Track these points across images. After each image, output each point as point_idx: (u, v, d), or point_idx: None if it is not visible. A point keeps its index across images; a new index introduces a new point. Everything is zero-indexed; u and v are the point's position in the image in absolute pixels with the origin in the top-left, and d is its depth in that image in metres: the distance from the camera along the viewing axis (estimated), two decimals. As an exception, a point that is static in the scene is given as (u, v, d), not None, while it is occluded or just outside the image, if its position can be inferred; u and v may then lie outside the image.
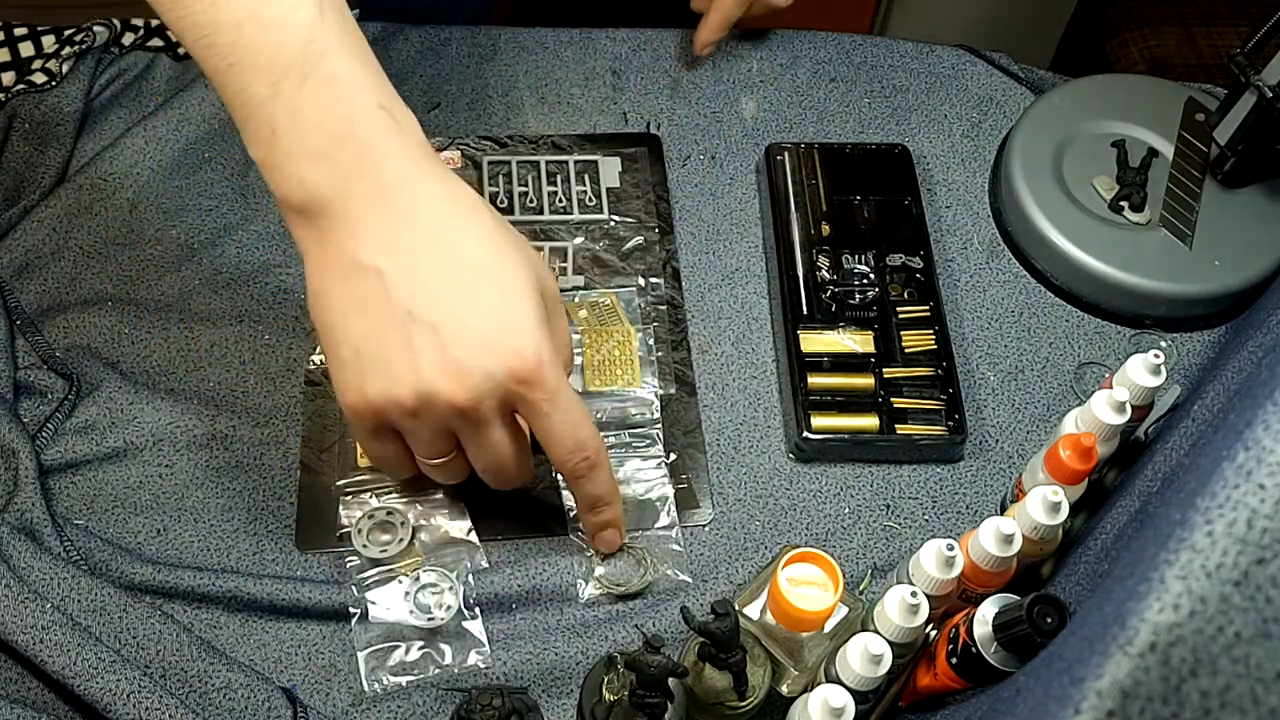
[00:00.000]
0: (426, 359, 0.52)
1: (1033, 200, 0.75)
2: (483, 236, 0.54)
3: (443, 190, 0.54)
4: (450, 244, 0.53)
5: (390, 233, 0.52)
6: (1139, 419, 0.63)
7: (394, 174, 0.53)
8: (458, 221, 0.54)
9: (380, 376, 0.53)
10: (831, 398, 0.69)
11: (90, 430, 0.66)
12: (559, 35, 0.85)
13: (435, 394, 0.53)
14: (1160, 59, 1.20)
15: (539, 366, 0.53)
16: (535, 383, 0.53)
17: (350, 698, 0.60)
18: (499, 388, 0.53)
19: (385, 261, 0.52)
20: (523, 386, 0.53)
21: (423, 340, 0.52)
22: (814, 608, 0.54)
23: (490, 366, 0.52)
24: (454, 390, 0.52)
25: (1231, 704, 0.36)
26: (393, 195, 0.52)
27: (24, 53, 0.80)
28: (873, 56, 0.86)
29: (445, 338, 0.52)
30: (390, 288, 0.52)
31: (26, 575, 0.58)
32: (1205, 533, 0.37)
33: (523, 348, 0.53)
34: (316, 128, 0.51)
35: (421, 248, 0.53)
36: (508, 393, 0.54)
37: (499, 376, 0.53)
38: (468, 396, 0.53)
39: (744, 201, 0.79)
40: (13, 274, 0.72)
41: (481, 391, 0.53)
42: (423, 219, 0.53)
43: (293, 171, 0.52)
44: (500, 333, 0.53)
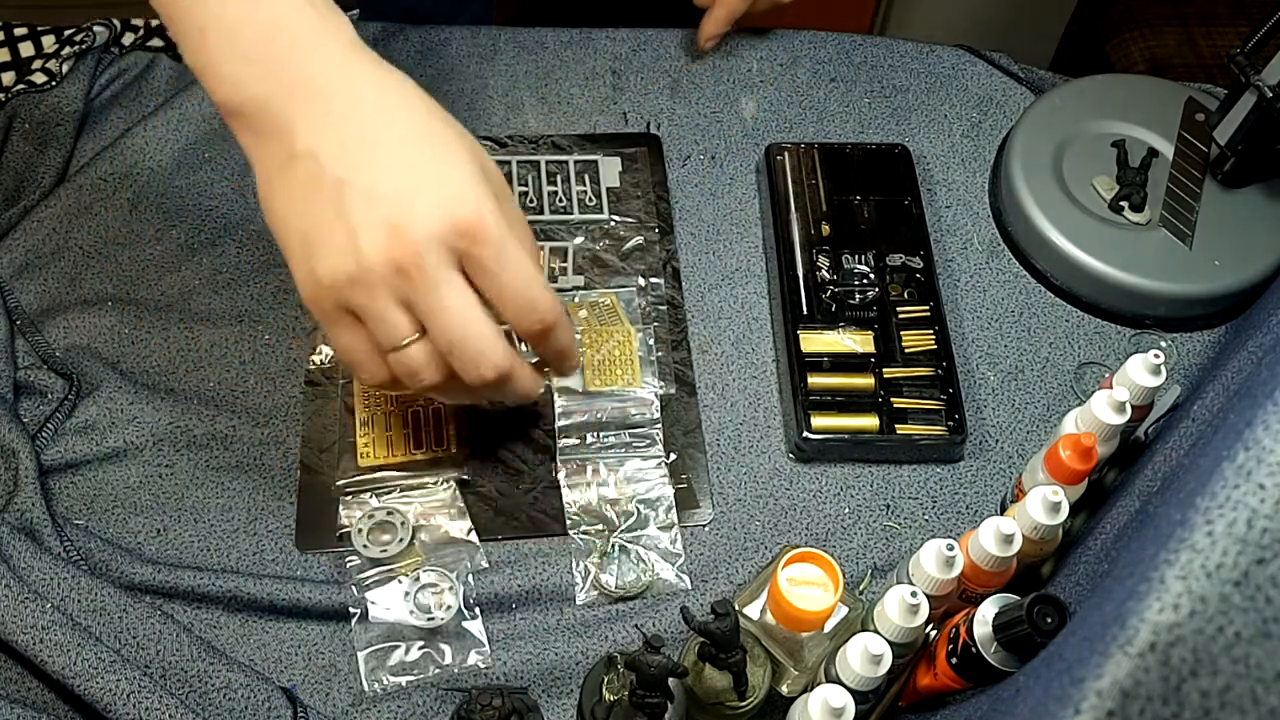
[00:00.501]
0: (363, 222, 0.52)
1: (1033, 200, 0.75)
2: (415, 108, 0.55)
3: (372, 74, 0.54)
4: (381, 117, 0.54)
5: (322, 117, 0.53)
6: (1139, 419, 0.63)
7: (321, 64, 0.53)
8: (389, 97, 0.54)
9: (325, 253, 0.53)
10: (831, 398, 0.69)
11: (90, 430, 0.66)
12: (559, 35, 0.85)
13: (375, 255, 0.52)
14: (1160, 59, 1.20)
15: (479, 217, 0.52)
16: (477, 235, 0.52)
17: (350, 698, 0.60)
18: (439, 241, 0.52)
19: (319, 144, 0.53)
20: (464, 241, 0.52)
21: (357, 204, 0.52)
22: (814, 608, 0.54)
23: (425, 217, 0.52)
24: (393, 247, 0.52)
25: (1231, 704, 0.36)
26: (322, 84, 0.53)
27: (24, 53, 0.80)
28: (873, 56, 0.86)
29: (378, 198, 0.52)
30: (323, 167, 0.52)
31: (26, 575, 0.58)
32: (1205, 533, 0.37)
33: (460, 198, 0.52)
34: (244, 29, 0.52)
35: (353, 124, 0.53)
36: (450, 247, 0.52)
37: (436, 229, 0.52)
38: (408, 252, 0.52)
39: (744, 201, 0.79)
40: (13, 274, 0.72)
41: (420, 245, 0.52)
42: (352, 99, 0.53)
43: (226, 73, 0.53)
44: (436, 185, 0.52)
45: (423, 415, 0.68)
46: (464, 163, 0.54)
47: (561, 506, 0.66)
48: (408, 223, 0.52)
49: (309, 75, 0.53)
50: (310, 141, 0.53)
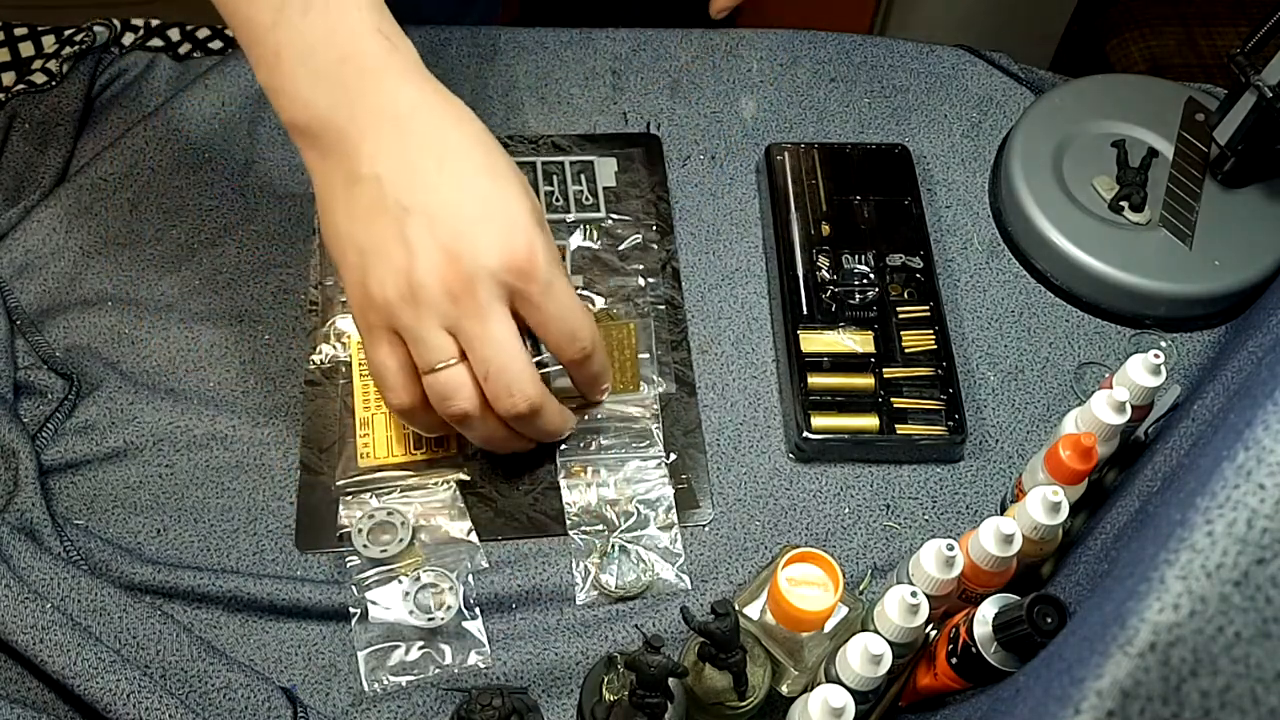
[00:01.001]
0: (422, 246, 0.54)
1: (1033, 200, 0.75)
2: (477, 140, 0.57)
3: (438, 101, 0.57)
4: (444, 146, 0.56)
5: (387, 142, 0.55)
6: (1139, 419, 0.63)
7: (390, 90, 0.56)
8: (451, 128, 0.57)
9: (379, 269, 0.55)
10: (831, 398, 0.69)
11: (90, 430, 0.66)
12: (559, 35, 0.85)
13: (430, 278, 0.54)
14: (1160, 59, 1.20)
15: (531, 256, 0.55)
16: (528, 273, 0.55)
17: (350, 698, 0.60)
18: (492, 275, 0.55)
19: (383, 168, 0.55)
20: (515, 277, 0.55)
21: (418, 229, 0.54)
22: (814, 608, 0.54)
23: (483, 252, 0.54)
24: (448, 273, 0.54)
25: (1231, 704, 0.36)
26: (389, 109, 0.55)
27: (24, 53, 0.80)
28: (873, 56, 0.86)
29: (439, 225, 0.54)
30: (387, 189, 0.55)
31: (26, 575, 0.58)
32: (1205, 533, 0.37)
33: (515, 237, 0.55)
34: (318, 52, 0.55)
35: (416, 151, 0.55)
36: (501, 282, 0.55)
37: (492, 264, 0.54)
38: (461, 280, 0.54)
39: (744, 201, 0.79)
40: (13, 274, 0.72)
41: (475, 276, 0.54)
42: (418, 127, 0.56)
43: (297, 94, 0.55)
44: (494, 221, 0.55)
45: (423, 415, 0.68)
46: (520, 198, 0.57)
47: (561, 506, 0.66)
48: (466, 253, 0.54)
49: (377, 100, 0.55)
50: (375, 165, 0.55)
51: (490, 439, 0.61)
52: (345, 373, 0.69)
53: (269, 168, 0.77)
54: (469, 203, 0.55)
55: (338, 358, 0.70)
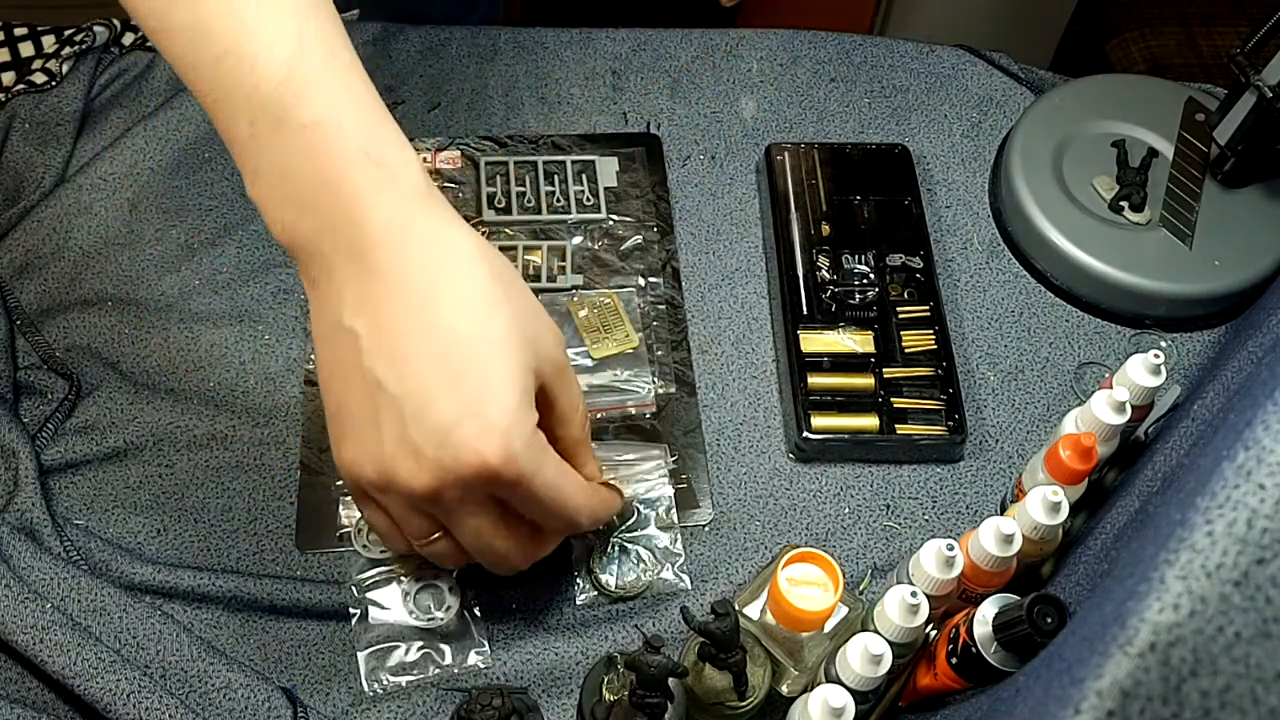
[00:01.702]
0: (389, 436, 0.49)
1: (1033, 200, 0.75)
2: (471, 302, 0.50)
3: (433, 246, 0.50)
4: (431, 310, 0.49)
5: (369, 293, 0.49)
6: (1139, 419, 0.63)
7: (377, 228, 0.49)
8: (444, 283, 0.49)
9: (350, 443, 0.51)
10: (831, 398, 0.69)
11: (90, 430, 0.66)
12: (559, 35, 0.85)
13: (395, 475, 0.50)
14: (1160, 59, 1.20)
15: (504, 463, 0.48)
16: (501, 480, 0.49)
17: (350, 698, 0.60)
18: (460, 480, 0.49)
19: (362, 325, 0.49)
20: (491, 485, 0.50)
21: (387, 416, 0.49)
22: (814, 608, 0.54)
23: (449, 458, 0.48)
24: (412, 474, 0.49)
25: (1231, 704, 0.36)
26: (374, 252, 0.49)
27: (24, 53, 0.80)
28: (873, 56, 0.86)
29: (407, 417, 0.48)
30: (363, 353, 0.49)
31: (26, 575, 0.58)
32: (1205, 533, 0.37)
33: (486, 443, 0.48)
34: (294, 175, 0.49)
35: (400, 313, 0.49)
36: (475, 486, 0.50)
37: (460, 470, 0.49)
38: (425, 484, 0.49)
39: (744, 201, 0.79)
40: (13, 274, 0.72)
41: (442, 480, 0.49)
42: (404, 280, 0.49)
43: (276, 216, 0.50)
44: (465, 422, 0.48)
45: (423, 415, 0.68)
46: (507, 380, 0.49)
47: (561, 506, 0.66)
48: (435, 458, 0.49)
49: (358, 237, 0.49)
50: (356, 321, 0.49)
51: None
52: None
53: (269, 168, 0.77)
54: (444, 396, 0.48)
55: None
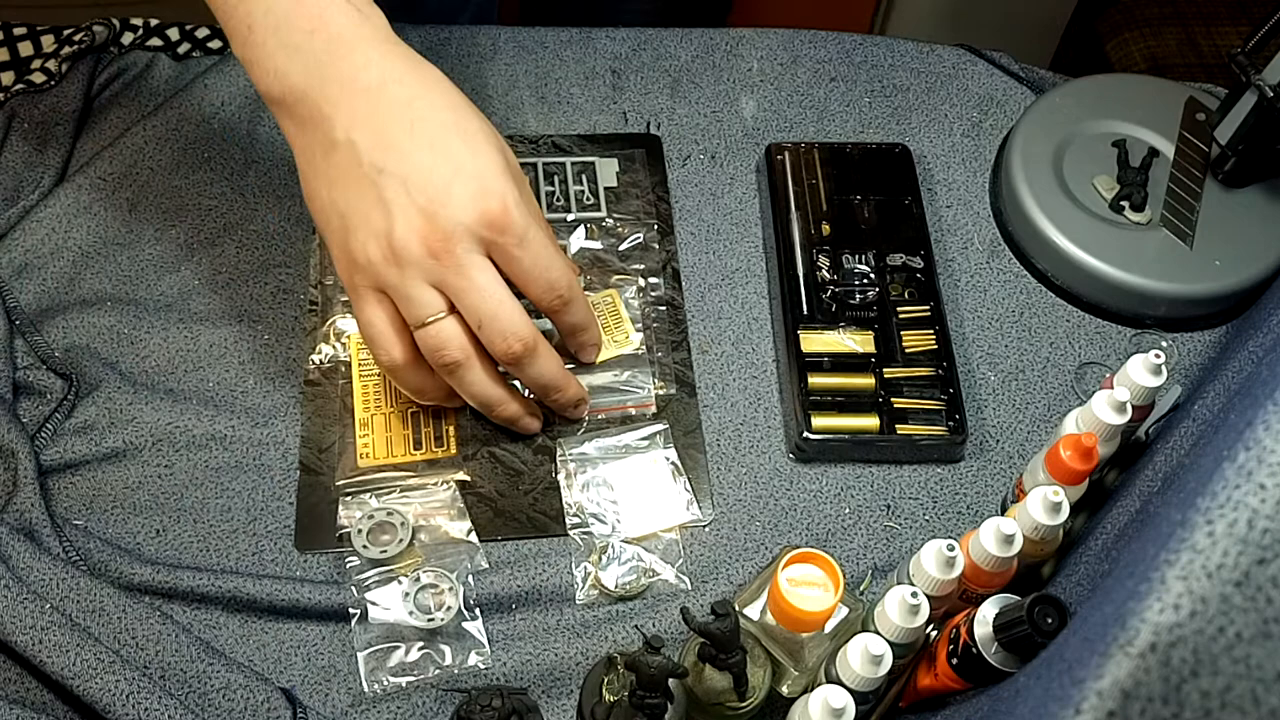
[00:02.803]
0: (399, 207, 0.56)
1: (1033, 200, 0.75)
2: (447, 102, 0.59)
3: (407, 68, 0.58)
4: (415, 109, 0.57)
5: (360, 109, 0.57)
6: (1139, 419, 0.63)
7: (360, 60, 0.57)
8: (422, 91, 0.58)
9: (361, 233, 0.57)
10: (832, 398, 0.69)
11: (90, 430, 0.66)
12: (559, 35, 0.85)
13: (410, 237, 0.56)
14: (1160, 59, 1.20)
15: (504, 210, 0.57)
16: (502, 226, 0.57)
17: (350, 698, 0.60)
18: (468, 230, 0.56)
19: (358, 134, 0.57)
20: (490, 230, 0.57)
21: (394, 192, 0.56)
22: (814, 608, 0.54)
23: (457, 208, 0.56)
24: (426, 233, 0.56)
25: (1232, 704, 0.36)
26: (361, 76, 0.57)
27: (23, 52, 0.80)
28: (873, 56, 0.86)
29: (413, 186, 0.56)
30: (362, 154, 0.56)
31: (26, 575, 0.58)
32: (1206, 533, 0.37)
33: (487, 191, 0.57)
34: (288, 23, 0.57)
35: (389, 116, 0.57)
36: (477, 236, 0.57)
37: (466, 219, 0.56)
38: (439, 237, 0.56)
39: (744, 201, 0.79)
40: (13, 274, 0.72)
41: (452, 232, 0.56)
42: (389, 92, 0.57)
43: (270, 65, 0.57)
44: (466, 178, 0.57)
45: (422, 415, 0.68)
46: (492, 156, 0.58)
47: (561, 506, 0.66)
48: (440, 211, 0.56)
49: (348, 69, 0.57)
50: (349, 132, 0.57)
51: (485, 394, 0.62)
52: (345, 373, 0.69)
53: (269, 168, 0.77)
54: (441, 163, 0.57)
55: (337, 358, 0.70)
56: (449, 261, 0.57)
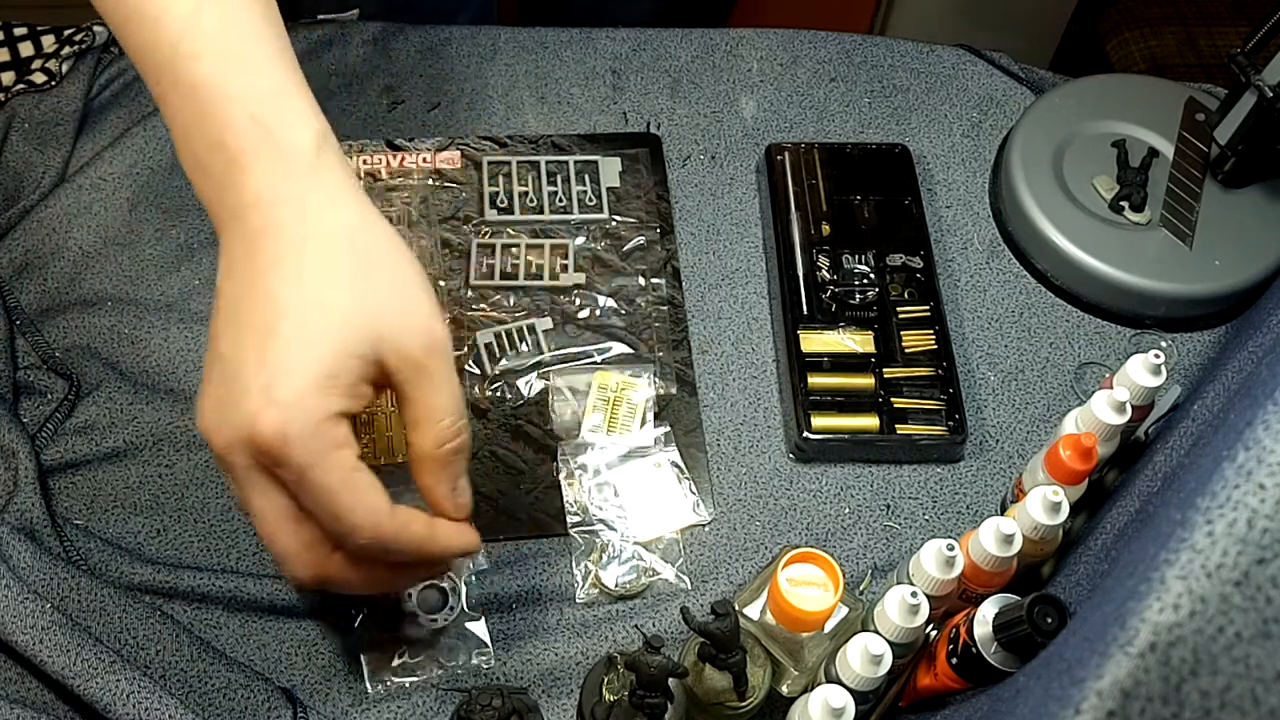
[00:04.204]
0: (209, 396, 0.49)
1: (1033, 200, 0.75)
2: (309, 276, 0.49)
3: (300, 215, 0.50)
4: (272, 280, 0.49)
5: (237, 256, 0.50)
6: (1139, 419, 0.63)
7: (251, 194, 0.49)
8: (293, 254, 0.49)
9: (199, 399, 0.51)
10: (831, 398, 0.69)
11: (90, 430, 0.66)
12: (559, 35, 0.85)
13: (207, 433, 0.49)
14: (1160, 59, 1.20)
15: (274, 440, 0.47)
16: (273, 455, 0.47)
17: (350, 698, 0.60)
18: (241, 450, 0.48)
19: (225, 284, 0.51)
20: (261, 457, 0.48)
21: (215, 373, 0.49)
22: (814, 608, 0.54)
23: (237, 421, 0.48)
24: (213, 432, 0.49)
25: (1232, 704, 0.36)
26: (246, 216, 0.50)
27: (24, 53, 0.80)
28: (873, 56, 0.86)
29: (220, 380, 0.49)
30: (219, 313, 0.50)
31: (26, 575, 0.58)
32: (1205, 533, 0.37)
33: (264, 415, 0.47)
34: (192, 136, 0.50)
35: (250, 279, 0.50)
36: (251, 455, 0.48)
37: (236, 438, 0.48)
38: (220, 445, 0.49)
39: (744, 201, 0.79)
40: (13, 274, 0.72)
41: (229, 443, 0.48)
42: (263, 246, 0.49)
43: (188, 174, 0.51)
44: (255, 391, 0.47)
45: (423, 415, 0.68)
46: (315, 354, 0.48)
47: (562, 506, 0.66)
48: (219, 422, 0.49)
49: (237, 201, 0.50)
50: (222, 280, 0.51)
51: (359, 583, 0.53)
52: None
53: (269, 168, 0.77)
54: (250, 366, 0.48)
55: None
56: (233, 473, 0.49)
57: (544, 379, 0.70)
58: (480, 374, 0.70)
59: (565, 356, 0.71)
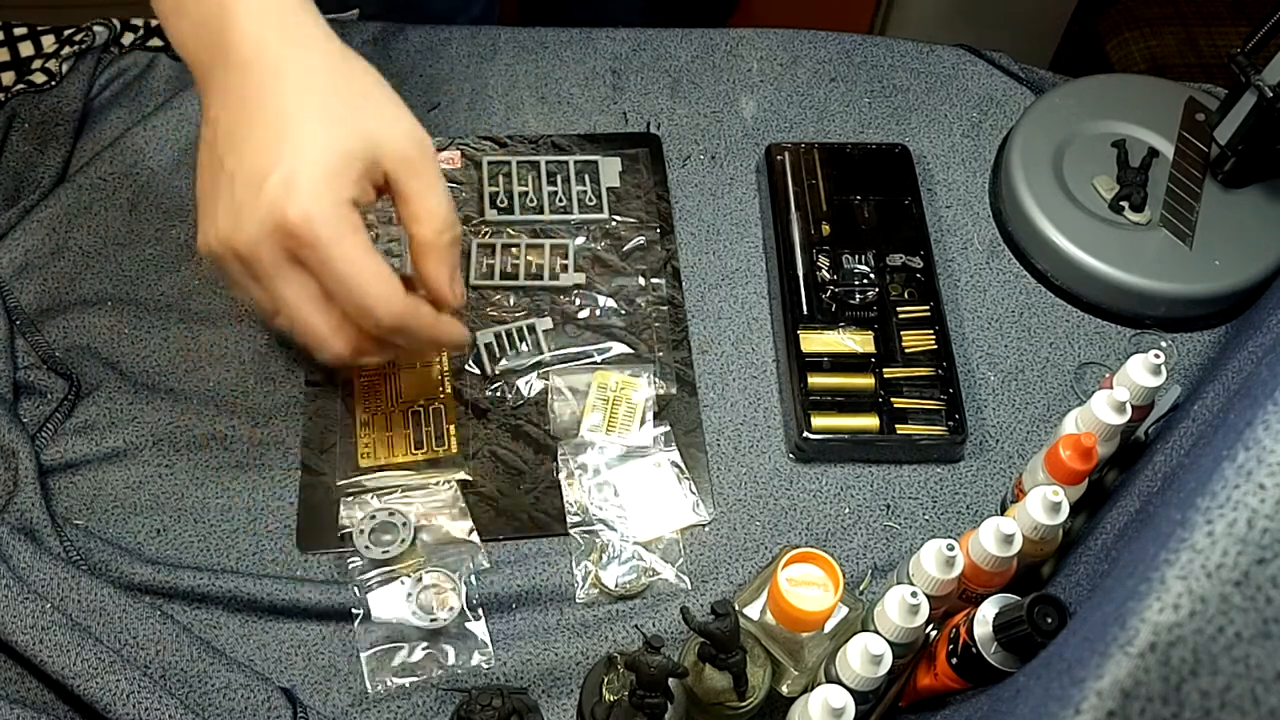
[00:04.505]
0: (223, 204, 0.55)
1: (1033, 200, 0.75)
2: (305, 90, 0.55)
3: (285, 47, 0.55)
4: (269, 95, 0.55)
5: (229, 86, 0.55)
6: (1139, 419, 0.63)
7: (238, 32, 0.55)
8: (286, 73, 0.55)
9: (204, 223, 0.56)
10: (831, 398, 0.69)
11: (90, 430, 0.66)
12: (559, 35, 0.85)
13: (223, 242, 0.55)
14: (1160, 59, 1.20)
15: (304, 220, 0.53)
16: (300, 238, 0.53)
17: (350, 698, 0.60)
18: (268, 239, 0.53)
19: (220, 113, 0.55)
20: (289, 241, 0.54)
21: (225, 189, 0.55)
22: (814, 608, 0.54)
23: (260, 215, 0.53)
24: (234, 237, 0.54)
25: (1231, 704, 0.36)
26: (235, 51, 0.55)
27: (24, 53, 0.80)
28: (873, 56, 0.86)
29: (235, 188, 0.54)
30: (217, 139, 0.55)
31: (26, 575, 0.58)
32: (1205, 533, 0.37)
33: (289, 200, 0.53)
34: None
35: (247, 100, 0.55)
36: (279, 246, 0.54)
37: (264, 228, 0.53)
38: (244, 244, 0.54)
39: (744, 201, 0.79)
40: (13, 274, 0.72)
41: (253, 241, 0.53)
42: (254, 72, 0.55)
43: (172, 31, 0.56)
44: (275, 186, 0.53)
45: (423, 415, 0.68)
46: (325, 147, 0.54)
47: (562, 506, 0.66)
48: (244, 217, 0.54)
49: (227, 42, 0.55)
50: (216, 110, 0.56)
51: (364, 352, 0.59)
52: (346, 372, 0.69)
53: (269, 168, 0.77)
54: (263, 161, 0.54)
55: None
56: (259, 270, 0.54)
57: (544, 379, 0.70)
58: (480, 374, 0.70)
59: (565, 356, 0.71)
